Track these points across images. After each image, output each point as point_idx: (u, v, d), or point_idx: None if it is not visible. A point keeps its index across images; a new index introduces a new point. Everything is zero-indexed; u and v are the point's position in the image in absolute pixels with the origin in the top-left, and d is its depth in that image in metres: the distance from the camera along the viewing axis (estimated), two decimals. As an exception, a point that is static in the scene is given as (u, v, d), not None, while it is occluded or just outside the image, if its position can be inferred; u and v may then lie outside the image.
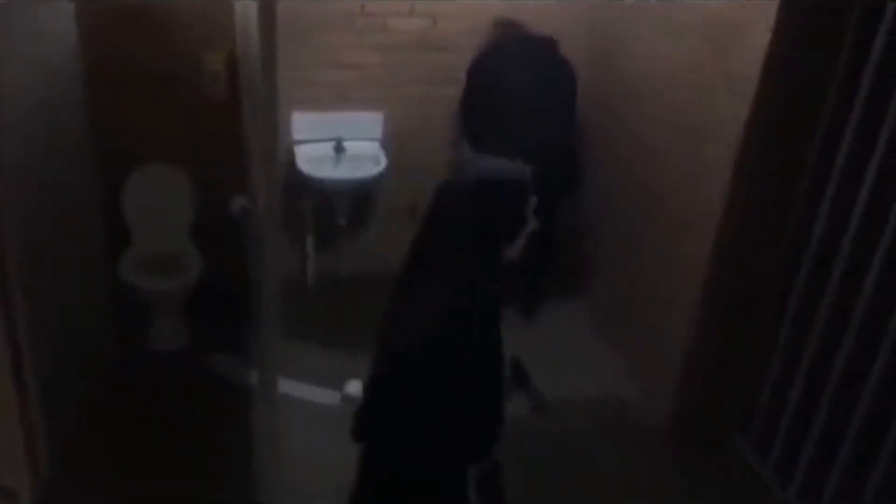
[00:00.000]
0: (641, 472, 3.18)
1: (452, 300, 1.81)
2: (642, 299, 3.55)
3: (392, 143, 4.04)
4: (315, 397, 3.46)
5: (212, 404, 3.37)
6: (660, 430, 3.32)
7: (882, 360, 2.51)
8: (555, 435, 3.36)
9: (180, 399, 3.39)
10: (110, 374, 3.48)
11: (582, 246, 4.26)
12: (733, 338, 3.10)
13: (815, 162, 2.79)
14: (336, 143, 3.93)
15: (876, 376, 2.54)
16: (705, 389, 3.18)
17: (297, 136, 3.94)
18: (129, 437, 3.19)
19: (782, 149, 2.78)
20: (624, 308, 3.79)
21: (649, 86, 3.47)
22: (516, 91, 3.60)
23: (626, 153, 3.69)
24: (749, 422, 3.17)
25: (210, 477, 2.98)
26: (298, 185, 3.92)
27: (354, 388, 3.48)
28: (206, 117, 3.68)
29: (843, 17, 2.61)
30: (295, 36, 3.59)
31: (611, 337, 3.90)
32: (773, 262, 2.97)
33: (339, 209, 4.02)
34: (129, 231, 3.72)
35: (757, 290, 3.02)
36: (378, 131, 4.04)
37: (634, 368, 3.62)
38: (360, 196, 4.12)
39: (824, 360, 2.76)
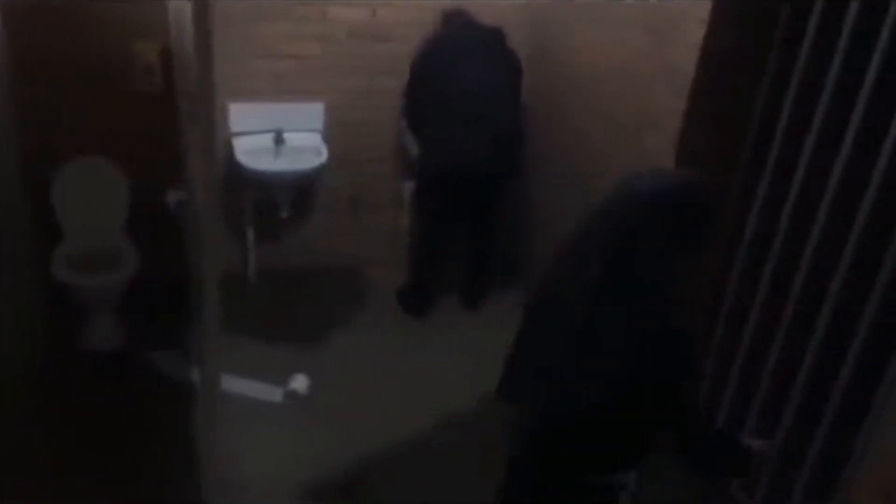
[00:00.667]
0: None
1: (658, 311, 1.81)
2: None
3: (334, 133, 4.00)
4: (258, 393, 3.42)
5: (152, 402, 3.30)
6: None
7: (810, 356, 2.58)
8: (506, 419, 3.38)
9: (119, 397, 3.31)
10: (44, 375, 3.37)
11: (523, 235, 4.29)
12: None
13: (749, 159, 2.84)
14: (276, 135, 3.88)
15: (805, 373, 2.61)
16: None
17: (235, 127, 3.87)
18: (65, 438, 3.10)
19: (720, 143, 2.82)
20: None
21: (590, 77, 3.50)
22: (461, 81, 3.60)
23: (566, 144, 3.72)
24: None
25: (151, 477, 2.93)
26: (238, 178, 3.85)
27: (299, 382, 3.46)
28: (141, 110, 3.59)
29: (774, 12, 2.67)
30: (231, 26, 3.53)
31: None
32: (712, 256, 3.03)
33: (280, 201, 3.96)
34: (60, 227, 3.61)
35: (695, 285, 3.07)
36: (319, 122, 4.00)
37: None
38: (302, 188, 4.07)
39: (758, 354, 2.83)
